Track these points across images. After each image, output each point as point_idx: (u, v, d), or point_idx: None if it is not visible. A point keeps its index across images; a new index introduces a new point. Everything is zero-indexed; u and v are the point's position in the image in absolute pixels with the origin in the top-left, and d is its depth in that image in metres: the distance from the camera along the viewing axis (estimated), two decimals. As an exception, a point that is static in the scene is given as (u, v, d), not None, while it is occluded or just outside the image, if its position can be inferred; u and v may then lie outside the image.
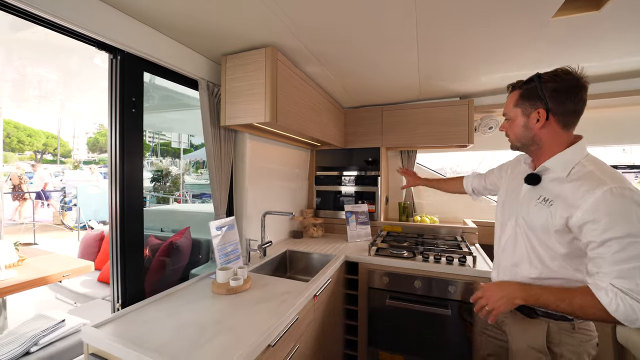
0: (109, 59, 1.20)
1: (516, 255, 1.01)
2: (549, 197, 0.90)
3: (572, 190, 0.84)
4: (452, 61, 1.61)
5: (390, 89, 2.08)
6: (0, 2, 0.88)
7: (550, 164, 0.92)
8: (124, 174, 1.21)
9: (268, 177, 2.04)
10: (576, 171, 0.87)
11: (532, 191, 0.98)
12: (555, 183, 0.90)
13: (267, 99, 1.35)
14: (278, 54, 1.39)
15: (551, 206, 0.89)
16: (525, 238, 0.97)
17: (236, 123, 1.45)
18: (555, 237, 0.89)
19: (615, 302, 0.75)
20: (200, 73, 1.49)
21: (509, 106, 1.01)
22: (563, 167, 0.89)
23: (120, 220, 1.21)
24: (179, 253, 2.17)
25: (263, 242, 1.81)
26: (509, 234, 1.04)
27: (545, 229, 0.90)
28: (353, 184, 2.54)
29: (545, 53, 1.49)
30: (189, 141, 14.92)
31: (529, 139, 0.96)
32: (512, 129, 1.00)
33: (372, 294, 1.83)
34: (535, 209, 0.94)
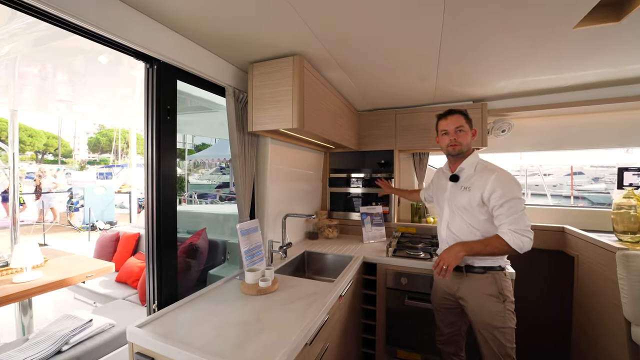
0: (145, 68, 1.24)
1: (456, 227, 1.46)
2: (467, 186, 1.41)
3: (480, 178, 1.37)
4: (472, 68, 1.65)
5: (406, 93, 2.12)
6: (48, 15, 0.92)
7: (464, 165, 1.46)
8: (160, 176, 1.25)
9: (286, 179, 2.08)
10: (479, 168, 1.41)
11: (455, 185, 1.47)
12: (469, 177, 1.43)
13: (295, 106, 1.40)
14: (304, 62, 1.44)
15: (469, 191, 1.39)
16: (459, 215, 1.44)
17: (263, 129, 1.49)
18: (477, 209, 1.37)
19: (512, 239, 1.26)
20: (227, 80, 1.53)
21: (462, 122, 1.44)
22: (470, 166, 1.44)
23: (157, 221, 1.25)
24: (199, 254, 2.22)
25: (284, 244, 1.85)
26: (448, 216, 1.50)
27: (470, 205, 1.39)
28: (367, 185, 2.59)
29: (562, 61, 1.53)
30: (193, 142, 14.99)
31: (469, 146, 1.46)
32: (465, 138, 1.44)
33: (389, 294, 1.88)
34: (460, 194, 1.43)
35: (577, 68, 1.65)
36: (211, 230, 3.05)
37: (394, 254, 1.95)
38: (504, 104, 2.29)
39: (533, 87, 1.98)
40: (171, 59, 1.25)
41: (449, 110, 1.49)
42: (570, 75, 1.76)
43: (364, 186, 2.60)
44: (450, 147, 1.45)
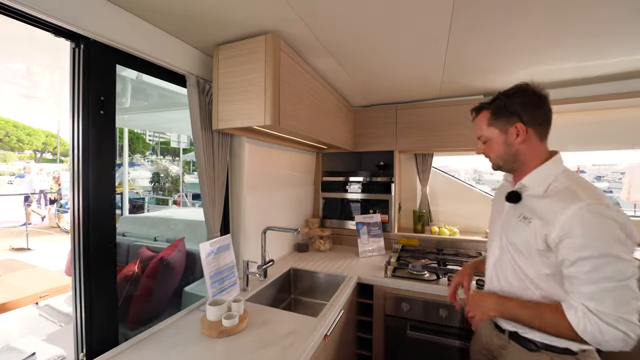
0: (70, 48, 0.96)
1: (502, 271, 0.96)
2: (528, 215, 0.87)
3: (549, 206, 0.82)
4: (487, 49, 1.36)
5: (408, 86, 1.83)
6: None
7: (527, 181, 0.90)
8: (88, 187, 0.97)
9: (269, 184, 1.80)
10: (554, 187, 0.84)
11: (513, 209, 0.94)
12: (534, 200, 0.87)
13: (267, 98, 1.11)
14: (281, 43, 1.15)
15: (530, 224, 0.85)
16: (510, 257, 0.92)
17: (230, 126, 1.21)
18: (538, 256, 0.84)
19: (583, 323, 0.74)
20: (188, 67, 1.25)
21: (481, 128, 0.97)
22: (539, 183, 0.87)
23: (85, 243, 0.97)
24: (171, 270, 1.94)
25: (264, 263, 1.57)
26: (497, 254, 0.99)
27: (527, 247, 0.86)
28: (363, 190, 2.30)
29: (594, 43, 1.24)
30: (189, 140, 14.73)
31: (511, 156, 0.92)
32: (492, 149, 0.96)
33: (389, 323, 1.59)
34: (516, 227, 0.90)
35: (611, 54, 1.36)
36: (194, 238, 2.78)
37: (393, 273, 1.66)
38: (520, 98, 1.99)
39: (556, 77, 1.68)
40: (107, 38, 0.97)
41: (472, 110, 1.04)
42: (598, 64, 1.46)
43: (361, 191, 2.31)
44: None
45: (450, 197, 2.48)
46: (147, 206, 7.78)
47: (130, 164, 15.33)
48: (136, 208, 8.62)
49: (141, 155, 19.49)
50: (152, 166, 14.63)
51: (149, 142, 20.53)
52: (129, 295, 1.90)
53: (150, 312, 1.87)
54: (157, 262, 1.93)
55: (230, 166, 1.54)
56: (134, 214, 5.90)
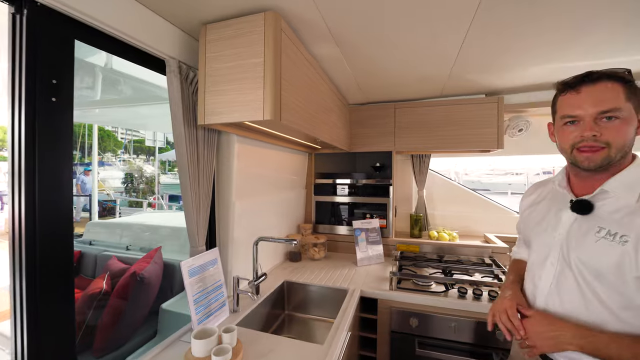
0: (9, 14, 0.73)
1: (567, 304, 0.77)
2: (618, 231, 0.69)
3: None
4: (505, 46, 1.25)
5: (411, 82, 1.70)
6: None
7: (612, 187, 0.72)
8: (35, 191, 0.74)
9: (259, 188, 1.61)
10: None
11: (584, 222, 0.76)
12: (620, 211, 0.70)
13: (267, 88, 0.93)
14: (282, 23, 0.97)
15: (626, 243, 0.67)
16: (584, 283, 0.74)
17: (220, 121, 1.01)
18: (635, 284, 0.67)
19: None
20: (168, 49, 1.04)
21: (618, 99, 0.69)
22: (630, 190, 0.70)
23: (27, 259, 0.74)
24: (145, 287, 1.70)
25: (255, 278, 1.38)
26: (552, 276, 0.81)
27: (618, 272, 0.68)
28: (359, 194, 2.16)
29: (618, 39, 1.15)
30: (165, 139, 14.04)
31: (623, 150, 0.71)
32: (623, 133, 0.70)
33: (395, 339, 1.45)
34: (597, 245, 0.71)
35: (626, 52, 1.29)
36: (173, 247, 2.52)
37: (398, 285, 1.52)
38: (521, 98, 1.93)
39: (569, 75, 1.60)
40: (60, 3, 0.75)
41: (588, 73, 0.74)
42: (619, 61, 1.40)
43: (356, 194, 2.16)
44: (583, 152, 0.74)
45: (447, 200, 2.39)
46: (119, 209, 7.26)
47: (100, 163, 14.45)
48: (107, 211, 8.06)
49: (112, 154, 18.44)
50: (124, 166, 13.83)
51: (121, 140, 19.47)
52: (96, 316, 1.64)
53: (121, 337, 1.62)
54: (128, 278, 1.68)
55: (217, 168, 1.34)
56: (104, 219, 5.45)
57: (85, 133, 18.34)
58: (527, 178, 11.50)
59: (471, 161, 3.03)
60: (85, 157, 17.82)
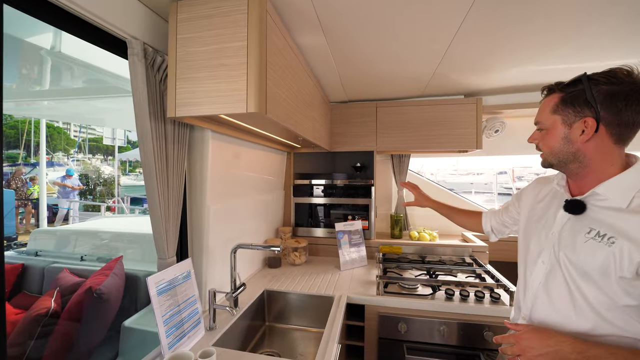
0: None
1: (555, 303, 0.78)
2: (607, 233, 0.70)
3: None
4: (491, 46, 1.24)
5: (394, 80, 1.66)
6: None
7: (605, 190, 0.73)
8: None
9: (235, 190, 1.47)
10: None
11: (577, 222, 0.77)
12: (611, 213, 0.71)
13: (250, 76, 0.81)
14: (268, 5, 0.86)
15: (613, 245, 0.68)
16: (571, 282, 0.75)
17: (196, 114, 0.88)
18: (619, 284, 0.68)
19: None
20: (130, 28, 0.88)
21: (543, 113, 0.80)
22: (622, 194, 0.71)
23: None
24: (103, 304, 1.49)
25: (234, 289, 1.25)
26: (542, 274, 0.81)
27: (604, 273, 0.69)
28: (340, 194, 2.09)
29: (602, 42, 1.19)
30: (126, 137, 13.09)
31: (569, 155, 0.76)
32: (547, 142, 0.80)
33: (384, 347, 1.39)
34: (585, 246, 0.73)
35: (607, 56, 1.34)
36: (136, 256, 2.28)
37: (385, 289, 1.47)
38: (497, 99, 1.97)
39: (542, 79, 1.65)
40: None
41: (544, 88, 0.82)
42: (592, 66, 1.45)
43: (337, 195, 2.09)
44: None
45: (426, 200, 2.40)
46: (73, 214, 6.59)
47: (49, 163, 13.14)
48: (56, 216, 7.30)
49: (64, 154, 16.88)
50: (78, 166, 12.68)
51: (74, 138, 17.87)
52: (43, 343, 1.40)
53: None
54: (83, 295, 1.46)
55: (189, 168, 1.19)
56: (54, 226, 4.90)
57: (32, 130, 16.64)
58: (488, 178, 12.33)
59: (437, 161, 3.10)
60: (32, 157, 16.18)
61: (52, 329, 1.42)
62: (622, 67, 0.69)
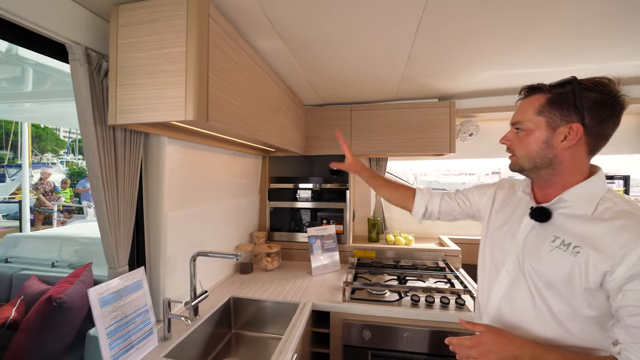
0: None
1: (518, 312, 0.77)
2: (572, 242, 0.68)
3: (608, 234, 0.64)
4: (453, 53, 1.23)
5: (364, 84, 1.65)
6: None
7: (571, 197, 0.70)
8: None
9: (201, 195, 1.45)
10: (605, 209, 0.68)
11: (541, 230, 0.75)
12: (576, 222, 0.70)
13: (190, 83, 0.79)
14: (210, 9, 0.84)
15: (578, 254, 0.67)
16: (536, 292, 0.73)
17: (136, 121, 0.86)
18: (582, 295, 0.67)
19: None
20: (70, 33, 0.86)
21: (526, 113, 0.74)
22: (587, 202, 0.69)
23: None
24: (65, 313, 1.45)
25: (193, 297, 1.23)
26: (506, 283, 0.80)
27: (569, 283, 0.68)
28: (316, 198, 2.07)
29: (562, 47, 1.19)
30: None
31: (546, 160, 0.72)
32: (525, 144, 0.74)
33: (349, 354, 1.38)
34: (550, 255, 0.71)
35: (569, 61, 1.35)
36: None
37: (352, 296, 1.45)
38: (471, 103, 1.97)
39: (513, 83, 1.65)
40: None
41: (525, 87, 0.77)
42: (555, 70, 1.46)
43: (313, 200, 2.07)
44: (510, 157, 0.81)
45: (404, 204, 2.39)
46: (57, 216, 6.48)
47: (37, 164, 12.93)
48: (43, 219, 7.17)
49: (54, 155, 16.63)
50: (66, 167, 12.49)
51: (63, 138, 17.60)
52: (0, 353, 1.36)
53: (31, 374, 1.36)
54: (43, 304, 1.42)
55: (144, 174, 1.16)
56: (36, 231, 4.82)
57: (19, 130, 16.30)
58: (479, 178, 12.51)
59: (430, 163, 3.11)
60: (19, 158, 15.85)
61: (9, 340, 1.38)
62: (609, 77, 0.68)
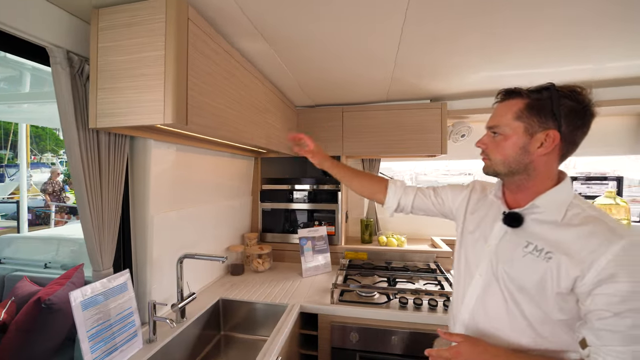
0: None
1: (492, 317, 0.77)
2: (544, 247, 0.69)
3: (577, 240, 0.65)
4: (440, 54, 1.23)
5: (354, 85, 1.65)
6: None
7: (543, 203, 0.72)
8: None
9: (191, 198, 1.45)
10: (574, 214, 0.69)
11: (514, 235, 0.76)
12: (548, 228, 0.71)
13: (169, 85, 0.79)
14: (190, 11, 0.84)
15: (550, 260, 0.67)
16: (509, 296, 0.74)
17: (116, 125, 0.86)
18: (554, 300, 0.67)
19: None
20: (51, 36, 0.86)
21: (504, 117, 0.73)
22: (557, 208, 0.70)
23: None
24: (54, 315, 1.45)
25: (180, 299, 1.23)
26: (479, 288, 0.80)
27: (542, 288, 0.68)
28: (308, 200, 2.07)
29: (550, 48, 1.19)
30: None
31: (522, 166, 0.72)
32: (502, 149, 0.74)
33: (337, 356, 1.38)
34: (524, 260, 0.72)
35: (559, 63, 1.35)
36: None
37: (340, 297, 1.45)
38: (463, 104, 1.97)
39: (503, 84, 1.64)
40: None
41: (502, 91, 0.77)
42: (547, 71, 1.46)
43: (305, 201, 2.07)
44: (483, 160, 0.82)
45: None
46: (55, 217, 6.48)
47: (37, 164, 12.94)
48: (40, 219, 7.19)
49: (53, 155, 16.62)
50: (65, 167, 12.50)
51: (62, 138, 17.59)
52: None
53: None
54: (31, 306, 1.42)
55: (130, 177, 1.16)
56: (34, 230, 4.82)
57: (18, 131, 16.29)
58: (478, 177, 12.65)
59: (430, 163, 3.11)
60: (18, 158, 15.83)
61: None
62: (582, 87, 0.68)
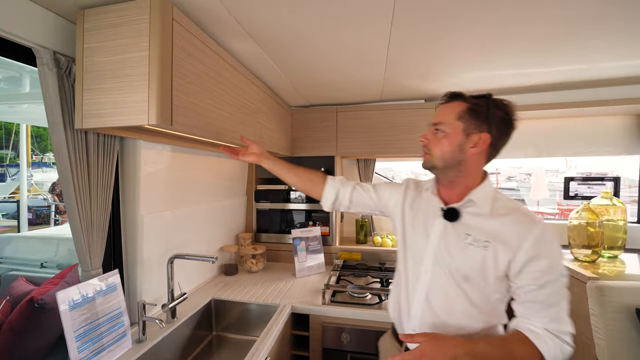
0: None
1: (444, 308, 0.82)
2: (481, 237, 0.77)
3: (509, 228, 0.75)
4: (430, 55, 1.23)
5: (347, 85, 1.65)
6: None
7: (477, 197, 0.79)
8: None
9: (183, 198, 1.45)
10: (499, 207, 0.79)
11: (453, 229, 0.82)
12: (481, 219, 0.79)
13: (153, 85, 0.79)
14: (174, 11, 0.84)
15: (487, 248, 0.75)
16: (456, 286, 0.80)
17: (102, 125, 0.86)
18: (494, 282, 0.77)
19: (553, 349, 0.71)
20: (37, 37, 0.86)
21: (448, 116, 0.80)
22: (486, 202, 0.80)
23: None
24: (48, 314, 1.45)
25: (171, 300, 1.23)
26: (428, 282, 0.84)
27: (483, 274, 0.77)
28: (302, 200, 2.07)
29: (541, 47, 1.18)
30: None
31: (456, 162, 0.80)
32: (442, 145, 0.80)
33: (328, 357, 1.38)
34: (466, 251, 0.78)
35: (552, 64, 1.34)
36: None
37: (332, 298, 1.45)
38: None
39: (496, 84, 1.65)
40: None
41: (448, 93, 0.84)
42: (540, 71, 1.45)
43: (299, 201, 2.07)
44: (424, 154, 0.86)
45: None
46: (54, 216, 6.51)
47: (39, 164, 12.99)
48: (41, 219, 7.22)
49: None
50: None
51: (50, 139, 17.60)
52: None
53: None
54: (24, 306, 1.43)
55: (121, 178, 1.17)
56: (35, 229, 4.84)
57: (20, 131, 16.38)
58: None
59: None
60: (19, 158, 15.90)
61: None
62: (510, 101, 0.79)
